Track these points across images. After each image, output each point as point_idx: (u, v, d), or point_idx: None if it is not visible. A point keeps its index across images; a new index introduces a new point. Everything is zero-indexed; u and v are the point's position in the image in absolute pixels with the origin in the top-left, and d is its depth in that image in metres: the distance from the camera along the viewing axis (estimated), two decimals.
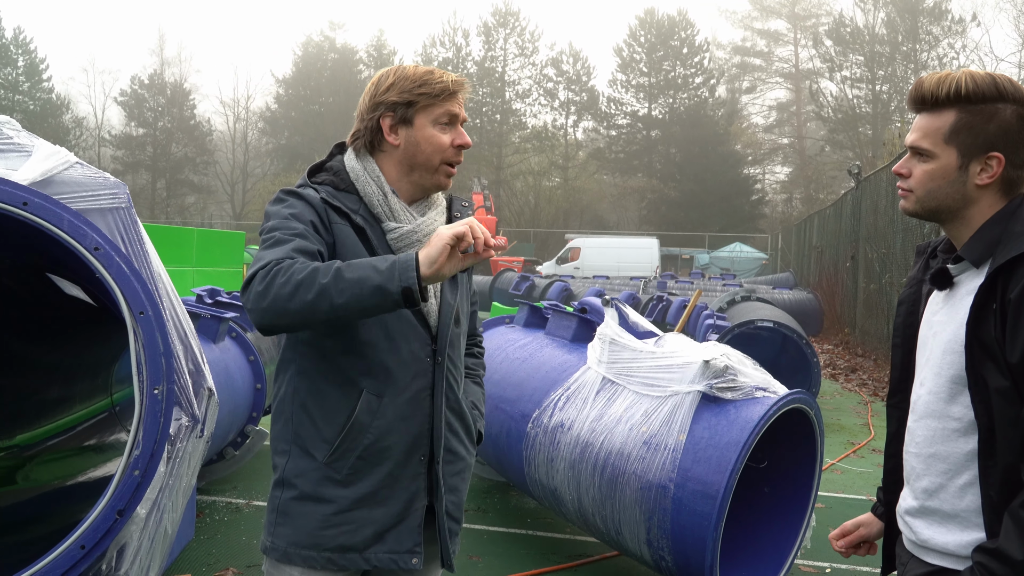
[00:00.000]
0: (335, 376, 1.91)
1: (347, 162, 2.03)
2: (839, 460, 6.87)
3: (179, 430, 2.40)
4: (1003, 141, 1.64)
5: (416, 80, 1.97)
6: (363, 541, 1.91)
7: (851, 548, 2.04)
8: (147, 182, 52.13)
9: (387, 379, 1.92)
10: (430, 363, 1.98)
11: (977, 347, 1.59)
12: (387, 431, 1.92)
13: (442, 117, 1.98)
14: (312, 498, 1.91)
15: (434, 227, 2.01)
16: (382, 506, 1.93)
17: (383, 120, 1.98)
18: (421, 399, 1.97)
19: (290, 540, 1.91)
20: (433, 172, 2.01)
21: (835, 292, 17.71)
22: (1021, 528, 1.49)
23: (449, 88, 1.97)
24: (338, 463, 1.90)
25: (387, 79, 2.00)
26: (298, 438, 1.93)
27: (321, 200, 1.93)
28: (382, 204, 1.97)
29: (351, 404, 1.90)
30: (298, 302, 1.65)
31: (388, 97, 1.97)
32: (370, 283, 1.64)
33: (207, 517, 4.88)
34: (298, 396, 1.94)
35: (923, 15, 42.97)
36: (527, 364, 4.69)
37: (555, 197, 47.70)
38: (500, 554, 4.51)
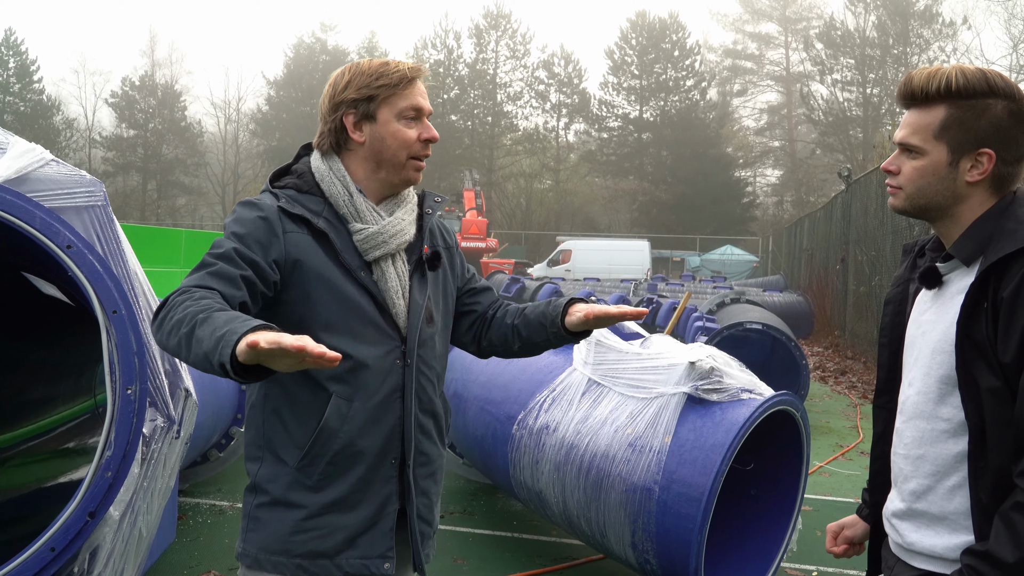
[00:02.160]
0: (305, 381, 1.88)
1: (312, 163, 1.99)
2: (827, 462, 6.86)
3: (154, 431, 2.36)
4: (994, 137, 1.61)
5: (373, 73, 1.92)
6: (334, 547, 1.87)
7: (841, 548, 2.01)
8: (138, 184, 51.91)
9: (356, 383, 1.88)
10: (400, 365, 1.94)
11: (968, 347, 1.57)
12: (357, 435, 1.89)
13: (407, 111, 1.93)
14: (283, 503, 1.87)
15: (401, 227, 1.97)
16: (353, 511, 1.89)
17: (346, 118, 1.94)
18: (391, 402, 1.93)
19: (261, 546, 1.88)
20: (401, 168, 1.96)
21: (825, 294, 17.73)
22: (1013, 531, 1.46)
23: (407, 75, 1.93)
24: (309, 468, 1.87)
25: (344, 77, 1.96)
26: (270, 443, 1.90)
27: (277, 209, 1.88)
28: (348, 205, 1.93)
29: (321, 409, 1.87)
30: (172, 343, 1.61)
31: (347, 95, 1.93)
32: (203, 349, 1.53)
33: (190, 519, 4.83)
34: (269, 401, 1.90)
35: (914, 18, 43.11)
36: (513, 365, 4.66)
37: (546, 199, 47.68)
38: (485, 557, 4.48)
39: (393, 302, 1.94)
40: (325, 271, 1.88)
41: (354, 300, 1.89)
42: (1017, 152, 1.63)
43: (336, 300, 1.87)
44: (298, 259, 1.86)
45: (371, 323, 1.90)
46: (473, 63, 48.96)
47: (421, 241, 2.05)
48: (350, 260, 1.91)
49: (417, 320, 1.98)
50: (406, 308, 1.97)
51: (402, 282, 1.97)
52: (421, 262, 2.03)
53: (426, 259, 2.04)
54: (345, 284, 1.89)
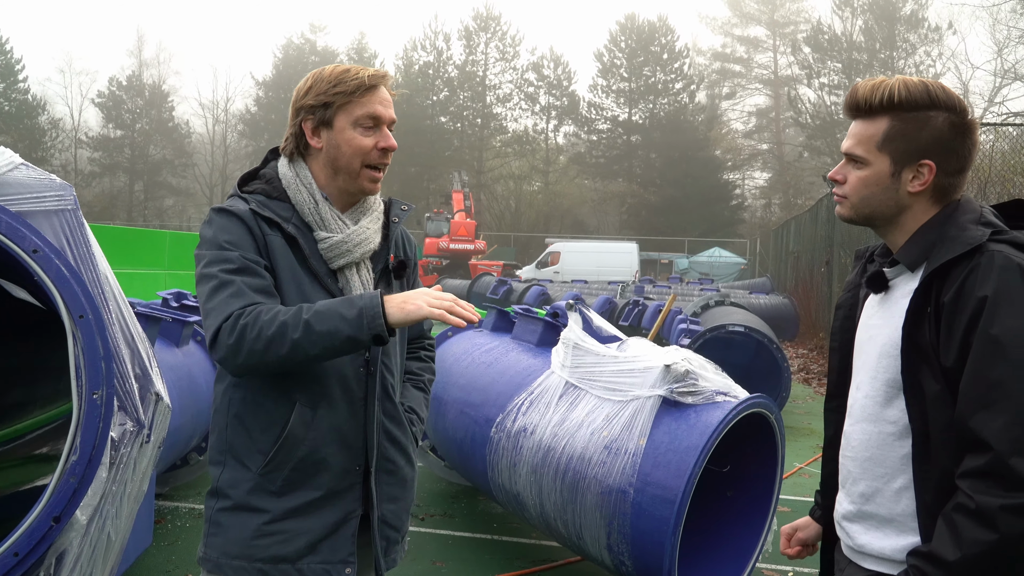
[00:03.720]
0: (269, 388, 1.89)
1: (280, 169, 2.00)
2: (807, 464, 6.90)
3: (123, 435, 2.36)
4: (935, 149, 1.64)
5: (332, 80, 1.93)
6: (296, 551, 1.88)
7: (795, 550, 2.04)
8: (124, 184, 51.69)
9: (320, 391, 1.90)
10: (363, 373, 1.96)
11: (912, 350, 1.60)
12: (321, 443, 1.90)
13: (364, 119, 1.93)
14: (245, 508, 1.88)
15: (366, 235, 1.98)
16: (316, 516, 1.90)
17: (305, 124, 1.95)
18: (355, 410, 1.94)
19: (222, 551, 1.89)
20: (356, 176, 1.96)
21: (811, 297, 17.81)
22: (954, 531, 1.49)
23: (365, 83, 1.92)
24: (273, 474, 1.88)
25: (306, 83, 1.97)
26: (232, 449, 1.91)
27: (251, 212, 1.89)
28: (313, 212, 1.95)
29: (285, 416, 1.88)
30: (273, 356, 1.72)
31: (307, 101, 1.94)
32: (341, 335, 1.72)
33: (168, 523, 4.83)
34: (232, 407, 1.92)
35: (900, 23, 43.37)
36: (492, 368, 4.68)
37: (536, 201, 47.72)
38: (465, 559, 4.49)
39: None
40: (295, 275, 1.90)
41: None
42: (958, 163, 1.66)
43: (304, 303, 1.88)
44: (275, 261, 1.88)
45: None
46: (463, 65, 48.98)
47: (387, 249, 2.06)
48: (317, 267, 1.93)
49: None
50: None
51: (366, 290, 1.98)
52: (387, 270, 2.05)
53: (392, 268, 2.06)
54: (313, 289, 1.91)
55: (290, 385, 1.88)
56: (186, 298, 5.67)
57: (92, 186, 50.30)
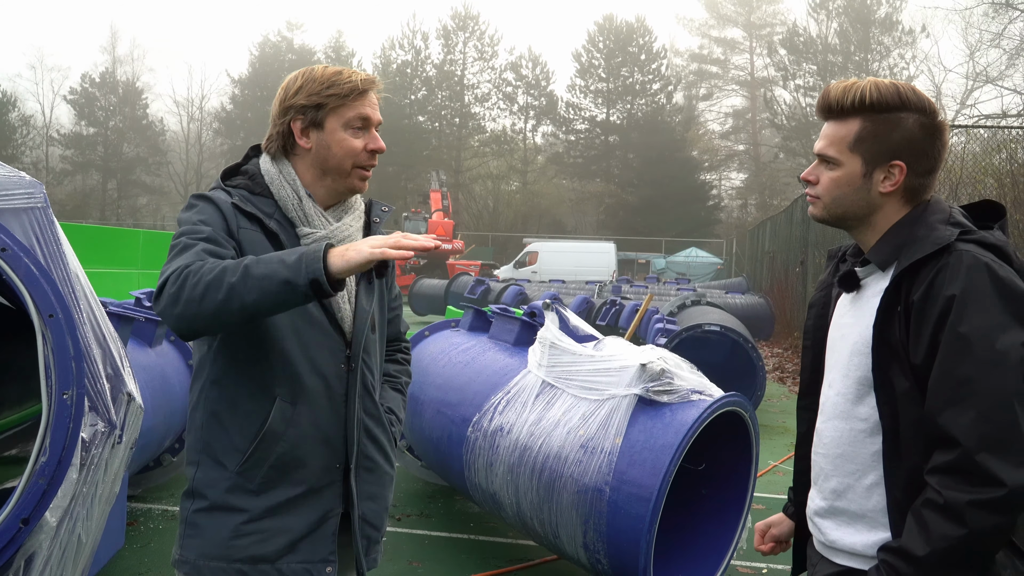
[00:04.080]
0: (248, 384, 1.88)
1: (262, 165, 1.99)
2: (782, 462, 6.95)
3: (94, 436, 2.34)
4: (906, 150, 1.66)
5: (324, 81, 1.93)
6: (275, 551, 1.86)
7: (768, 547, 2.06)
8: (97, 183, 51.16)
9: (301, 387, 1.88)
10: (344, 370, 1.95)
11: (883, 349, 1.62)
12: (301, 439, 1.89)
13: (354, 121, 1.94)
14: (222, 508, 1.86)
15: (349, 232, 1.99)
16: (296, 515, 1.89)
17: (294, 124, 1.95)
18: (336, 407, 1.94)
19: (199, 552, 1.87)
20: (346, 176, 1.97)
21: (786, 296, 17.94)
22: (923, 526, 1.51)
23: (359, 87, 1.93)
24: (251, 472, 1.86)
25: (296, 82, 1.96)
26: (208, 448, 1.89)
27: (231, 205, 1.89)
28: (297, 209, 1.95)
29: (264, 412, 1.86)
30: (209, 303, 1.63)
31: (297, 100, 1.93)
32: (277, 278, 1.62)
33: (141, 525, 4.78)
34: (209, 405, 1.90)
35: (875, 26, 43.84)
36: (469, 368, 4.68)
37: (514, 201, 47.74)
38: (441, 559, 4.48)
39: (339, 307, 1.96)
40: None
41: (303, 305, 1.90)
42: (928, 164, 1.68)
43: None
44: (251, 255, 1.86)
45: (318, 327, 1.91)
46: (441, 64, 48.90)
47: None
48: None
49: (363, 326, 1.99)
50: (352, 314, 1.99)
51: (348, 288, 1.99)
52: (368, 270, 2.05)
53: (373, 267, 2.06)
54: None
55: (270, 381, 1.87)
56: None
57: (64, 184, 49.75)
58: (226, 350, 1.89)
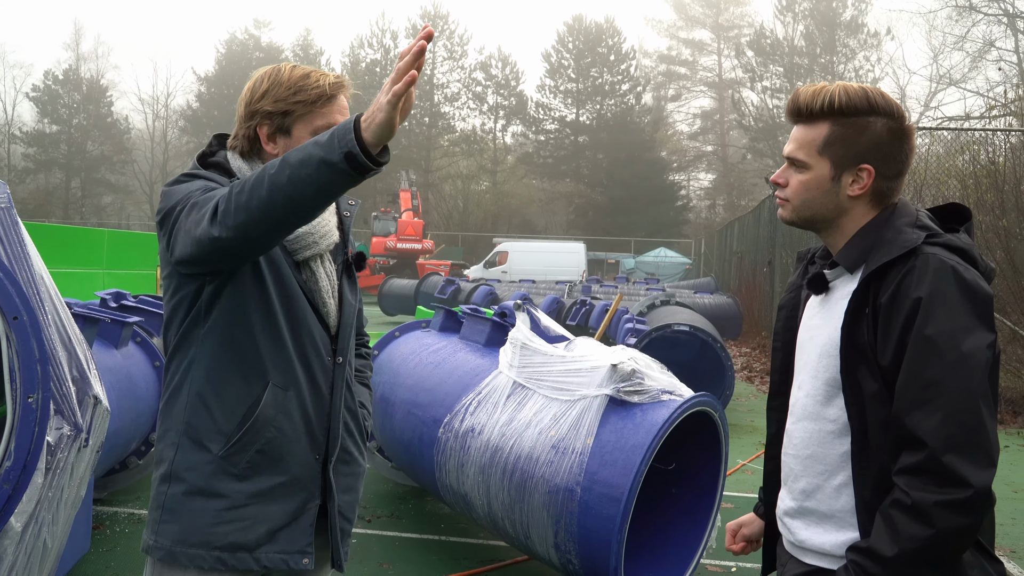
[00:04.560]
0: (240, 367, 1.85)
1: (233, 163, 1.96)
2: (750, 461, 7.02)
3: (60, 440, 2.30)
4: (874, 154, 1.68)
5: (291, 87, 1.88)
6: (255, 539, 1.85)
7: (739, 546, 2.08)
8: (61, 181, 50.34)
9: (293, 374, 1.89)
10: (331, 363, 1.96)
11: (851, 350, 1.64)
12: (289, 427, 1.89)
13: (323, 129, 1.88)
14: (204, 492, 1.83)
15: (329, 227, 1.99)
16: (277, 503, 1.88)
17: (260, 129, 1.91)
18: (321, 399, 1.95)
19: (176, 538, 1.83)
20: None
21: (754, 296, 18.12)
22: (891, 526, 1.53)
23: (326, 92, 1.89)
24: (236, 456, 1.84)
25: (261, 85, 1.91)
26: (190, 429, 1.85)
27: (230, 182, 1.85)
28: None
29: (255, 396, 1.85)
30: (256, 204, 1.57)
31: (263, 106, 1.89)
32: (314, 160, 1.54)
33: (107, 528, 4.71)
34: (193, 385, 1.86)
35: (840, 28, 44.42)
36: (440, 369, 4.67)
37: (484, 201, 47.71)
38: (412, 560, 4.47)
39: (324, 301, 1.96)
40: (276, 257, 1.89)
41: (294, 293, 1.91)
42: (896, 168, 1.71)
43: (281, 290, 1.89)
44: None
45: (306, 319, 1.92)
46: None
47: (344, 243, 2.07)
48: (281, 259, 1.91)
49: (350, 319, 2.02)
50: (337, 308, 2.00)
51: (332, 282, 1.99)
52: (348, 263, 2.06)
53: (352, 259, 2.07)
54: (290, 274, 1.91)
55: (264, 366, 1.86)
56: (125, 298, 5.54)
57: (26, 183, 48.89)
58: (220, 330, 1.86)
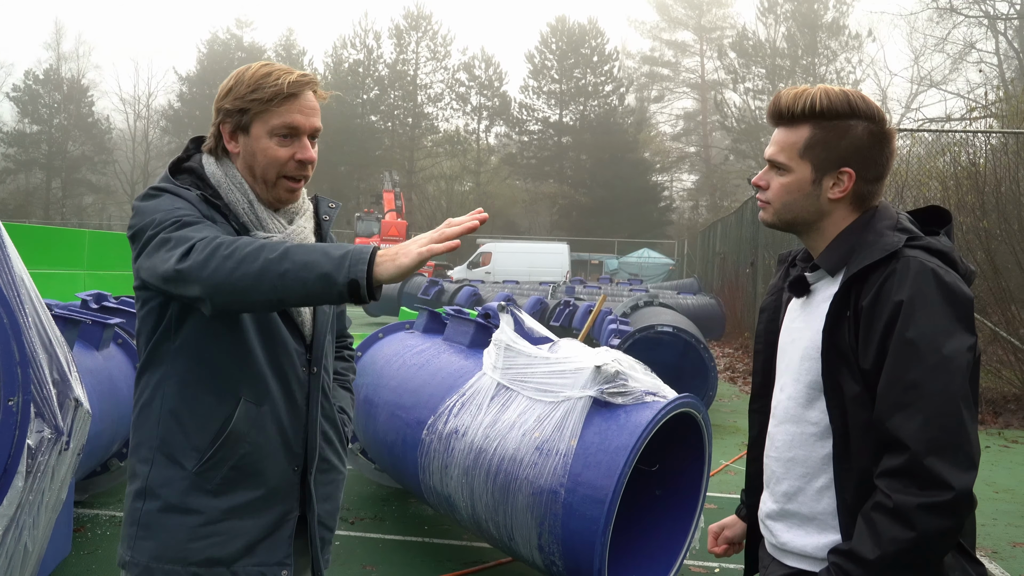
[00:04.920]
0: (211, 383, 1.83)
1: (207, 168, 1.92)
2: (733, 461, 7.05)
3: (41, 443, 2.28)
4: (854, 157, 1.69)
5: (251, 84, 1.84)
6: (232, 554, 1.83)
7: (721, 548, 2.09)
8: (41, 181, 49.92)
9: (266, 388, 1.86)
10: (305, 373, 1.93)
11: (833, 353, 1.64)
12: (264, 442, 1.86)
13: (279, 129, 1.84)
14: (178, 509, 1.82)
15: (305, 234, 1.95)
16: (254, 517, 1.86)
17: (223, 127, 1.88)
18: (297, 410, 1.92)
19: (152, 554, 1.82)
20: (271, 186, 1.89)
21: (736, 297, 18.21)
22: (873, 529, 1.53)
23: (283, 91, 1.82)
24: (210, 472, 1.82)
25: (228, 83, 1.89)
26: (164, 445, 1.83)
27: (198, 196, 1.83)
28: (248, 213, 1.89)
29: (227, 412, 1.82)
30: (240, 275, 1.55)
31: (225, 104, 1.86)
32: (318, 269, 1.52)
33: (88, 531, 4.67)
34: (166, 402, 1.84)
35: (822, 30, 44.71)
36: (424, 370, 4.66)
37: (467, 202, 47.63)
38: (396, 563, 4.46)
39: (298, 311, 1.93)
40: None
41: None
42: (876, 171, 1.72)
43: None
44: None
45: (278, 330, 1.88)
46: (393, 64, 48.65)
47: None
48: None
49: (324, 328, 1.98)
50: (311, 317, 1.96)
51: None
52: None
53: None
54: None
55: (236, 381, 1.83)
56: (106, 299, 5.50)
57: (6, 183, 48.45)
58: (191, 346, 1.83)
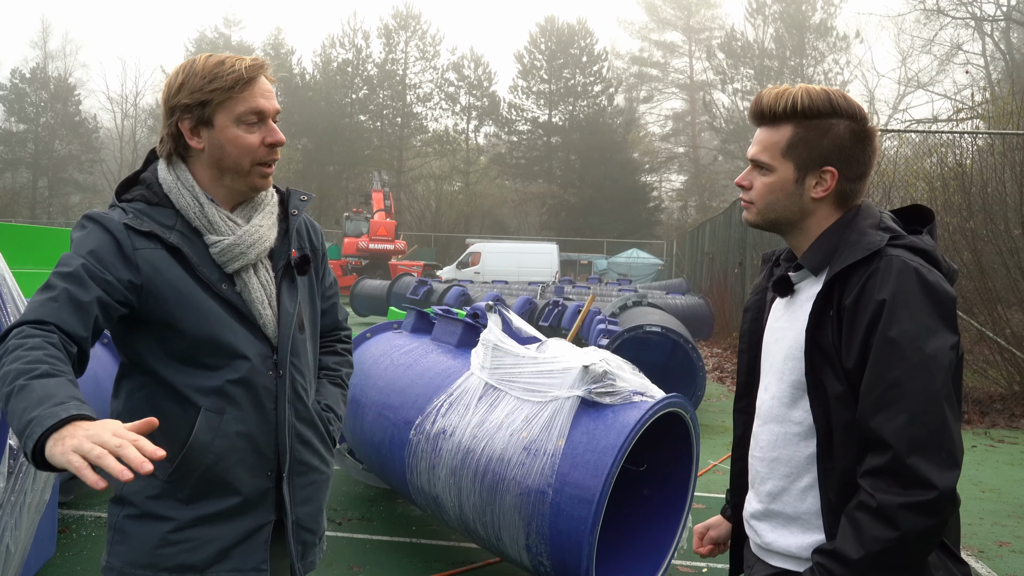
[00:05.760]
0: (172, 393, 1.80)
1: (159, 173, 1.87)
2: (721, 461, 7.07)
3: None
4: (836, 156, 1.69)
5: (206, 75, 1.79)
6: (205, 560, 1.81)
7: (707, 549, 2.08)
8: (28, 180, 49.63)
9: (226, 395, 1.81)
10: (272, 376, 1.88)
11: (816, 352, 1.64)
12: (230, 450, 1.82)
13: (246, 116, 1.80)
14: (150, 515, 1.80)
15: (260, 233, 1.88)
16: (227, 523, 1.83)
17: (182, 124, 1.82)
18: (265, 414, 1.87)
19: (127, 560, 1.81)
20: (245, 175, 1.85)
21: (725, 297, 18.26)
22: (857, 529, 1.53)
23: (243, 76, 1.79)
24: (180, 482, 1.80)
25: (177, 78, 1.82)
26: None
27: (124, 226, 1.77)
28: (199, 217, 1.83)
29: (189, 423, 1.79)
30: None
31: (180, 99, 1.80)
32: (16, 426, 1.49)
33: (73, 532, 4.64)
34: (136, 413, 1.80)
35: (810, 31, 44.92)
36: (411, 370, 4.65)
37: (456, 202, 47.64)
38: (382, 563, 4.45)
39: (260, 313, 1.87)
40: (184, 287, 1.79)
41: (218, 315, 1.81)
42: (859, 170, 1.72)
43: (199, 317, 1.79)
44: (153, 279, 1.76)
45: (239, 336, 1.84)
46: (382, 63, 48.57)
47: (288, 245, 1.96)
48: (208, 274, 1.82)
49: (288, 329, 1.91)
50: (275, 317, 1.90)
51: (267, 291, 1.90)
52: (289, 267, 1.95)
53: (294, 264, 1.96)
54: (206, 300, 1.81)
55: (194, 390, 1.80)
56: None
57: None
58: (149, 357, 1.81)
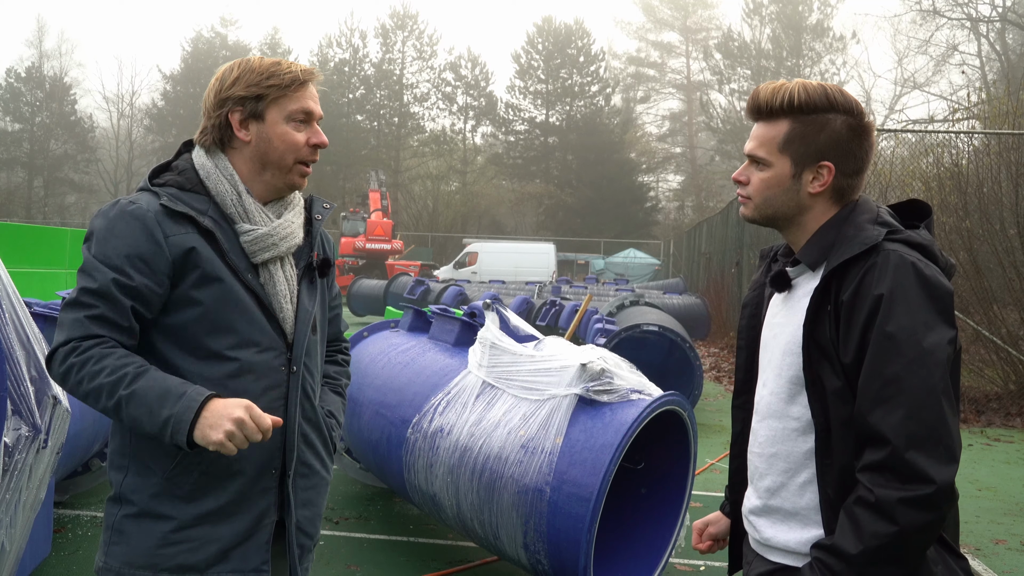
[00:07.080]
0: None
1: (196, 159, 1.90)
2: (718, 460, 7.07)
3: (18, 441, 2.26)
4: (833, 151, 1.69)
5: (263, 72, 1.86)
6: (205, 560, 1.80)
7: (706, 545, 2.08)
8: (23, 180, 49.50)
9: (238, 389, 1.82)
10: (284, 372, 1.90)
11: (814, 348, 1.64)
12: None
13: (297, 114, 1.88)
14: (150, 515, 1.80)
15: (291, 229, 1.93)
16: (228, 523, 1.83)
17: (232, 115, 1.87)
18: (274, 410, 1.87)
19: (124, 560, 1.80)
20: (287, 172, 1.91)
21: (722, 297, 18.26)
22: (855, 524, 1.53)
23: (299, 78, 1.87)
24: (180, 478, 1.80)
25: (232, 73, 1.88)
26: (138, 452, 1.82)
27: (159, 209, 1.80)
28: (236, 204, 1.87)
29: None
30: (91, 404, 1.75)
31: (235, 91, 1.86)
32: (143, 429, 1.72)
33: (69, 532, 4.63)
34: None
35: (806, 32, 44.95)
36: (409, 369, 4.64)
37: (453, 202, 47.62)
38: (380, 562, 4.44)
39: (281, 306, 1.90)
40: (214, 270, 1.82)
41: (241, 302, 1.84)
42: (856, 164, 1.71)
43: (223, 301, 1.82)
44: (184, 262, 1.79)
45: (257, 327, 1.85)
46: (379, 63, 48.53)
47: (310, 247, 2.01)
48: (237, 261, 1.85)
49: (305, 327, 1.94)
50: (294, 314, 1.93)
51: (291, 287, 1.93)
52: (311, 268, 2.00)
53: (316, 265, 2.01)
54: (233, 285, 1.84)
55: (203, 380, 1.80)
56: None
57: None
58: (158, 350, 1.82)
